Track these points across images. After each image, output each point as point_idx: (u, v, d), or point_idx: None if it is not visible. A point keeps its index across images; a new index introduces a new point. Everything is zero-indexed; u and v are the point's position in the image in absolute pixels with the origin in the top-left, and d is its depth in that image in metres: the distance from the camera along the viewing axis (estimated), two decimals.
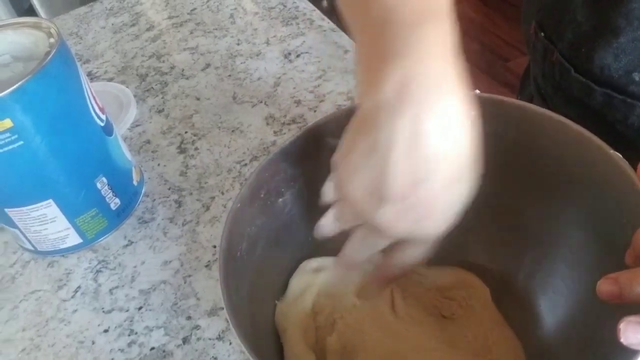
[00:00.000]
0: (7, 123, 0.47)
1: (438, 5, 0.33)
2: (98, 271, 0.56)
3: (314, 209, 0.46)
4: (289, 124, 0.67)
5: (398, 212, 0.33)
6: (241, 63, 0.78)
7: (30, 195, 0.53)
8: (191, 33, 0.86)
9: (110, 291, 0.54)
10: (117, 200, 0.58)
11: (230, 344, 0.48)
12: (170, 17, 0.91)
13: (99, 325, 0.51)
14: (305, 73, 0.74)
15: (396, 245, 0.37)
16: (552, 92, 0.59)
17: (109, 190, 0.57)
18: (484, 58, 2.03)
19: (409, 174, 0.31)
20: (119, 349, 0.49)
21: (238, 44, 0.82)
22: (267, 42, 0.81)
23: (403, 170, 0.31)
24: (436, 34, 0.32)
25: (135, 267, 0.56)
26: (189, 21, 0.89)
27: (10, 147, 0.48)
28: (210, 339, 0.49)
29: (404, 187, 0.31)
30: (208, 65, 0.79)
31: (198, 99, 0.74)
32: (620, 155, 0.35)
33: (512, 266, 0.45)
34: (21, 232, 0.55)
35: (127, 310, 0.52)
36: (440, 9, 0.33)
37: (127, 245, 0.58)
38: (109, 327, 0.51)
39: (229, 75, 0.76)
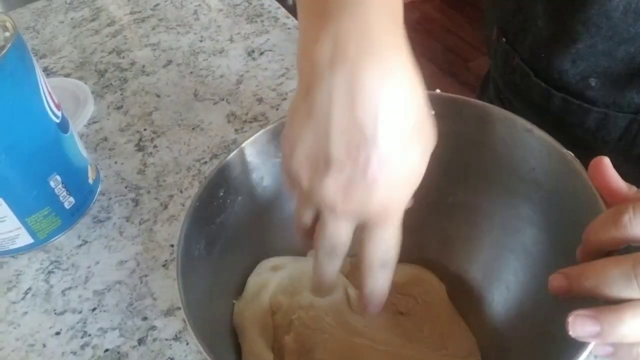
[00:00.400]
0: None
1: None
2: (50, 272, 0.54)
3: (273, 208, 0.46)
4: (250, 122, 0.67)
5: (345, 181, 0.29)
6: (204, 60, 0.77)
7: None
8: (153, 29, 0.85)
9: (63, 292, 0.52)
10: (72, 199, 0.56)
11: (187, 344, 0.47)
12: (132, 13, 0.89)
13: (50, 327, 0.50)
14: (268, 71, 0.73)
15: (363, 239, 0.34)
16: (512, 97, 0.60)
17: (63, 189, 0.55)
18: (445, 58, 2.07)
19: (350, 135, 0.28)
20: (72, 352, 0.48)
21: (201, 41, 0.81)
22: (231, 40, 0.80)
23: (343, 132, 0.28)
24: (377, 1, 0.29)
25: (89, 267, 0.54)
26: (151, 17, 0.88)
27: None
28: (166, 340, 0.48)
29: (347, 150, 0.29)
30: (170, 62, 0.78)
31: (158, 96, 0.72)
32: (573, 154, 0.36)
33: (466, 262, 0.46)
34: None
35: (81, 312, 0.50)
36: None
37: (81, 245, 0.56)
38: (61, 330, 0.49)
39: (191, 72, 0.75)
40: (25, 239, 0.55)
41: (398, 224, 0.33)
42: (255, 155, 0.43)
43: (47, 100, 0.53)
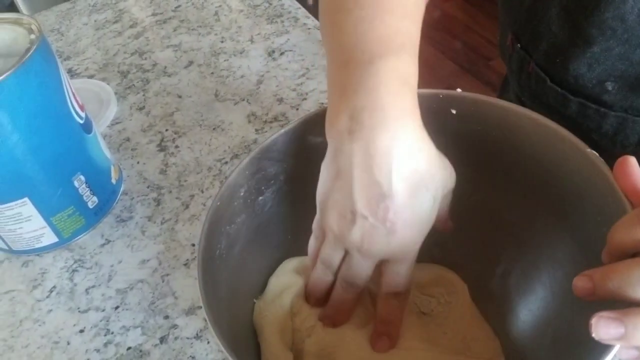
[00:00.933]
0: None
1: (395, 45, 0.37)
2: (74, 270, 0.55)
3: (294, 207, 0.46)
4: (270, 122, 0.67)
5: (368, 228, 0.35)
6: (224, 61, 0.77)
7: (5, 194, 0.51)
8: (175, 30, 0.86)
9: (87, 291, 0.53)
10: (95, 199, 0.57)
11: (208, 343, 0.47)
12: (154, 14, 0.90)
13: (74, 325, 0.50)
14: (288, 71, 0.73)
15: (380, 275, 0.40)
16: (529, 101, 0.59)
17: (87, 189, 0.56)
18: (466, 57, 2.05)
19: (370, 191, 0.34)
20: (95, 349, 0.48)
21: (222, 42, 0.81)
22: (251, 40, 0.80)
23: (363, 189, 0.34)
24: (388, 70, 0.35)
25: (112, 266, 0.55)
26: (173, 18, 0.88)
27: None
28: (188, 338, 0.48)
29: (368, 203, 0.34)
30: (191, 63, 0.78)
31: (180, 96, 0.73)
32: (597, 154, 0.36)
33: (489, 264, 0.45)
34: None
35: (104, 310, 0.51)
36: (398, 47, 0.37)
37: (104, 244, 0.57)
38: (84, 327, 0.50)
39: (212, 73, 0.76)
40: (50, 237, 0.56)
41: (413, 260, 0.39)
42: (275, 155, 0.43)
43: (71, 102, 0.53)
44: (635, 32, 0.45)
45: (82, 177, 0.55)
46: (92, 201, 0.57)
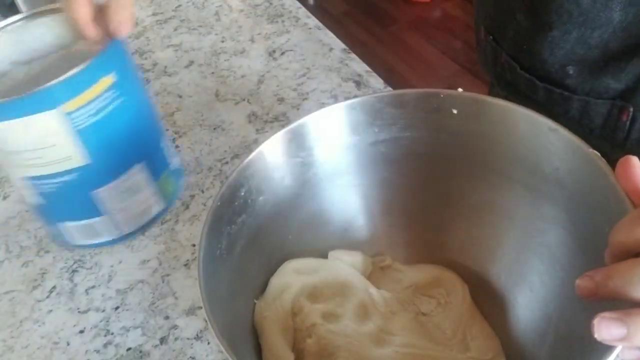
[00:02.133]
0: (110, 79, 0.47)
1: None
2: (74, 271, 0.55)
3: (295, 208, 0.46)
4: (271, 121, 0.67)
5: None
6: (225, 60, 0.77)
7: (126, 163, 0.52)
8: (175, 30, 0.85)
9: (86, 291, 0.53)
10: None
11: (209, 343, 0.47)
12: (154, 14, 0.90)
13: (74, 325, 0.50)
14: (289, 71, 0.73)
15: None
16: (504, 90, 0.63)
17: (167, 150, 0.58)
18: (467, 57, 2.04)
19: None
20: (95, 350, 0.48)
21: (222, 42, 0.81)
22: (252, 40, 0.80)
23: None
24: None
25: (112, 266, 0.55)
26: (173, 18, 0.88)
27: (115, 104, 0.48)
28: (188, 339, 0.48)
29: None
30: (191, 63, 0.78)
31: (180, 96, 0.73)
32: (598, 154, 0.35)
33: (489, 263, 0.45)
34: (107, 216, 0.53)
35: (104, 311, 0.51)
36: None
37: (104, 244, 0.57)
38: (84, 328, 0.50)
39: (212, 73, 0.76)
40: (157, 205, 0.56)
41: None
42: (276, 155, 0.43)
43: None
44: (589, 15, 0.47)
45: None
46: (172, 163, 0.59)
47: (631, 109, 0.51)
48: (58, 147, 0.47)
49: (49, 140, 0.46)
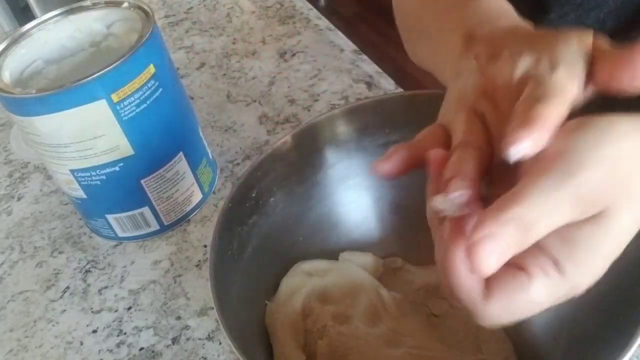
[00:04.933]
0: (152, 68, 0.47)
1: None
2: (87, 271, 0.55)
3: (305, 209, 0.46)
4: (282, 123, 0.67)
5: None
6: (236, 62, 0.78)
7: (167, 152, 0.52)
8: (187, 32, 0.86)
9: (99, 291, 0.53)
10: None
11: (220, 344, 0.47)
12: (166, 16, 0.91)
13: (87, 325, 0.51)
14: (300, 72, 0.73)
15: None
16: None
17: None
18: None
19: None
20: (108, 350, 0.49)
21: (234, 43, 0.81)
22: (263, 41, 0.80)
23: None
24: None
25: (124, 267, 0.55)
26: (185, 20, 0.89)
27: (156, 93, 0.48)
28: (200, 339, 0.48)
29: None
30: (203, 64, 0.79)
31: (192, 97, 0.73)
32: None
33: None
34: (151, 207, 0.53)
35: (116, 311, 0.51)
36: None
37: (116, 245, 0.57)
38: (97, 328, 0.50)
39: (224, 75, 0.76)
40: (197, 195, 0.57)
41: None
42: (287, 156, 0.43)
43: None
44: None
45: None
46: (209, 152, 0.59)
47: None
48: (107, 138, 0.47)
49: (99, 131, 0.46)
